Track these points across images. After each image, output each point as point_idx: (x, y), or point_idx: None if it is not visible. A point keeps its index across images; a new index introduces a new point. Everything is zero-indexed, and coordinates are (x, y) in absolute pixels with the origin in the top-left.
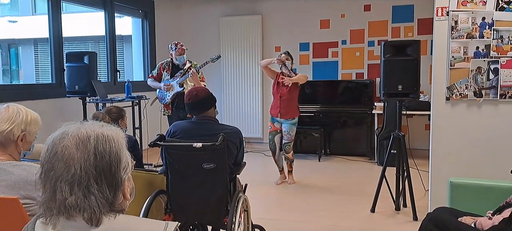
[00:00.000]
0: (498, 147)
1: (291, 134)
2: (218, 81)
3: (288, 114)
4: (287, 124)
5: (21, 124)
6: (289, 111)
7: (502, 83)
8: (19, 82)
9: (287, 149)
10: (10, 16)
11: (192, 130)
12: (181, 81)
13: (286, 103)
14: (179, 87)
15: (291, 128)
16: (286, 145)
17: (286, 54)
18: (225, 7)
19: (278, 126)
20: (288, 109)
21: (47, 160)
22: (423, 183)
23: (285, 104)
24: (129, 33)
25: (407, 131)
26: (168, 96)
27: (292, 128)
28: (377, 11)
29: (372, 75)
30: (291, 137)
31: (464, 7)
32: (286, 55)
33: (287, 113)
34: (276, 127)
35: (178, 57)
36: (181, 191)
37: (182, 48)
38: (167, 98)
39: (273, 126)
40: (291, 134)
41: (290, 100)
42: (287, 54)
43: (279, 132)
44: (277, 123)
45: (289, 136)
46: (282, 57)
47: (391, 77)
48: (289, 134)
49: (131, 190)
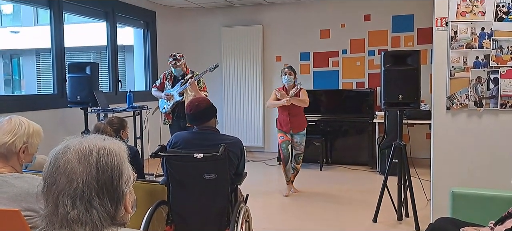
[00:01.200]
0: (499, 157)
1: (303, 145)
2: (219, 90)
3: (300, 128)
4: (298, 136)
5: (23, 136)
6: (300, 125)
7: (502, 93)
8: (21, 92)
9: (299, 160)
10: (13, 26)
11: (193, 140)
12: (181, 91)
13: (295, 118)
14: (179, 96)
15: (302, 139)
16: (299, 156)
17: (289, 69)
18: (226, 17)
19: (289, 136)
20: (298, 123)
21: (49, 174)
22: (425, 192)
23: (295, 119)
24: (131, 43)
25: (408, 140)
26: (168, 106)
27: (303, 139)
28: (377, 21)
29: (372, 84)
30: (303, 148)
31: (463, 17)
32: (289, 70)
33: (298, 127)
34: (288, 137)
35: (173, 69)
36: (182, 202)
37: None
38: (167, 108)
39: (285, 136)
40: (303, 144)
41: (298, 114)
42: (290, 69)
43: (290, 141)
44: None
45: (301, 147)
46: (286, 71)
47: (391, 87)
48: (301, 145)
49: (132, 203)
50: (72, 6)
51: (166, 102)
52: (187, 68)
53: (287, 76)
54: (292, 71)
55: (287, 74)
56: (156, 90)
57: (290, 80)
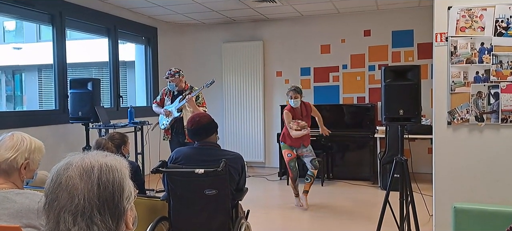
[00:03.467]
0: (502, 171)
1: (312, 150)
2: (220, 106)
3: (309, 139)
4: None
5: (25, 152)
6: (308, 136)
7: (503, 107)
8: (22, 108)
9: (316, 164)
10: (15, 43)
11: (194, 156)
12: (179, 107)
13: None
14: (177, 112)
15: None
16: (314, 160)
17: (294, 92)
18: (227, 33)
19: (295, 152)
20: (307, 136)
21: (51, 190)
22: (427, 208)
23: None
24: (132, 59)
25: (409, 155)
26: (167, 122)
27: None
28: (377, 36)
29: (373, 99)
30: (313, 151)
31: (463, 32)
32: (294, 93)
33: (308, 138)
34: (295, 153)
35: (168, 84)
36: (183, 218)
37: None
38: (166, 124)
39: (293, 153)
40: (312, 149)
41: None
42: (295, 91)
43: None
44: (295, 150)
45: (313, 152)
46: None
47: (392, 102)
48: (312, 150)
49: (133, 219)
50: (75, 23)
51: (165, 118)
52: (186, 84)
53: (294, 100)
54: (297, 94)
55: (293, 98)
56: (157, 106)
57: (298, 103)
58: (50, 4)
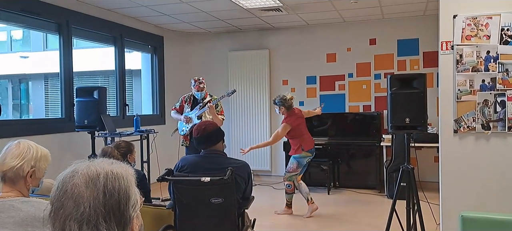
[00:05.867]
0: (509, 180)
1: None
2: (227, 114)
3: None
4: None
5: (31, 160)
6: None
7: (509, 115)
8: (29, 116)
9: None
10: (22, 51)
11: (200, 164)
12: (200, 114)
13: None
14: (197, 119)
15: None
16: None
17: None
18: (233, 42)
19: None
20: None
21: (57, 198)
22: (434, 216)
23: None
24: (139, 67)
25: (416, 163)
26: (187, 128)
27: None
28: (382, 44)
29: (379, 108)
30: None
31: (469, 41)
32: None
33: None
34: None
35: (196, 92)
36: (189, 226)
37: (200, 86)
38: (186, 130)
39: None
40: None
41: None
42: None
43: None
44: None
45: None
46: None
47: (398, 110)
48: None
49: (139, 227)
50: (81, 32)
51: (185, 125)
52: (206, 92)
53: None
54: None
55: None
56: (175, 113)
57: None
58: (57, 13)
